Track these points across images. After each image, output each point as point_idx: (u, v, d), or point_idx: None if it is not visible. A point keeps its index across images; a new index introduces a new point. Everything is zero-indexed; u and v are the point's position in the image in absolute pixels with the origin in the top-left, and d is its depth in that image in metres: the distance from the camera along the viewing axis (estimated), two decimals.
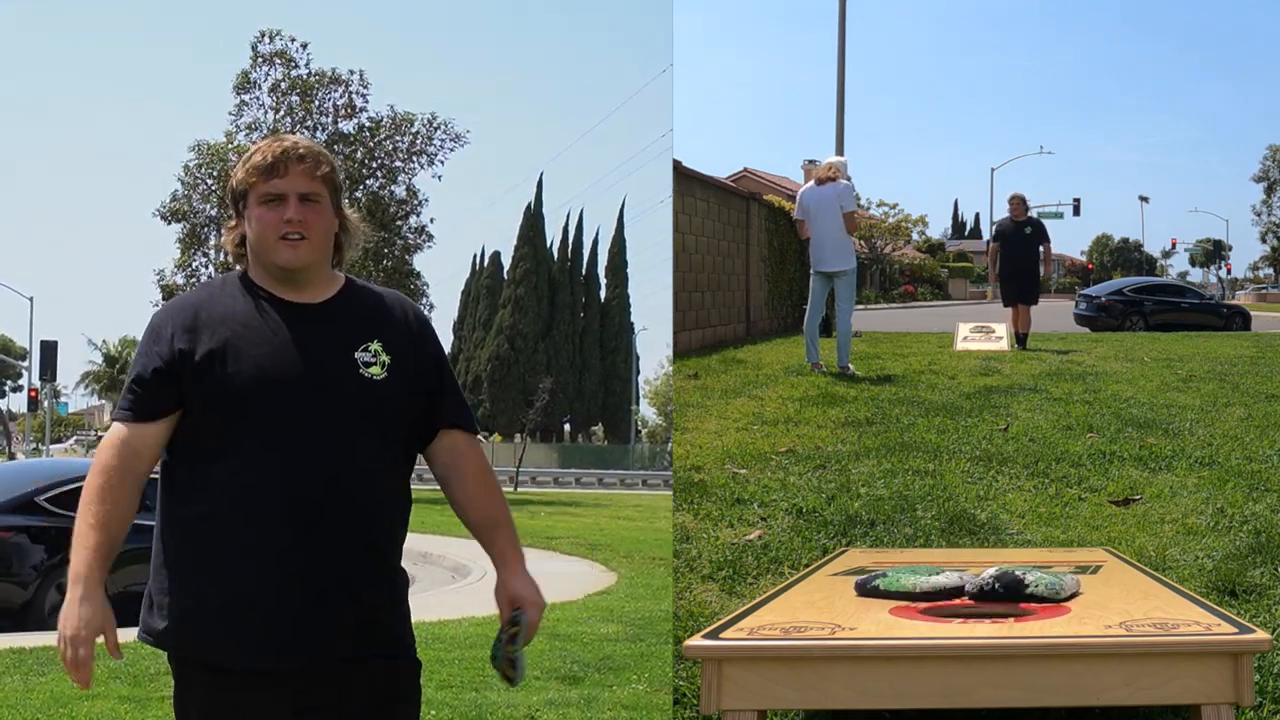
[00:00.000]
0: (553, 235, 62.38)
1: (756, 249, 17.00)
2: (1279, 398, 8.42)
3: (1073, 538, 4.71)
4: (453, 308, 65.84)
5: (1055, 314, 25.43)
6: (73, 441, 67.66)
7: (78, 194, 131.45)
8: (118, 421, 2.19)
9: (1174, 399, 8.42)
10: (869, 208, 48.87)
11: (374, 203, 31.99)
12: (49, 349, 37.92)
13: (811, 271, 10.28)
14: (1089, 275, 75.18)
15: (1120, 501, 5.29)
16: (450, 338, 61.86)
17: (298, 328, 2.19)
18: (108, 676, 5.85)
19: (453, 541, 12.64)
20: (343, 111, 32.72)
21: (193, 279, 30.33)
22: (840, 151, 20.91)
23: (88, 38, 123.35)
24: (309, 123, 32.26)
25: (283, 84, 32.32)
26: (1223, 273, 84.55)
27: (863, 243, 47.97)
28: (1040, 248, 13.48)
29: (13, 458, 36.70)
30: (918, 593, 3.00)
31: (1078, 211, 67.42)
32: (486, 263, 63.34)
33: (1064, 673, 2.43)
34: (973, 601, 2.94)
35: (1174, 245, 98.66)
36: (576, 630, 8.04)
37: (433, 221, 40.08)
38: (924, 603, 2.93)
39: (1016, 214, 13.54)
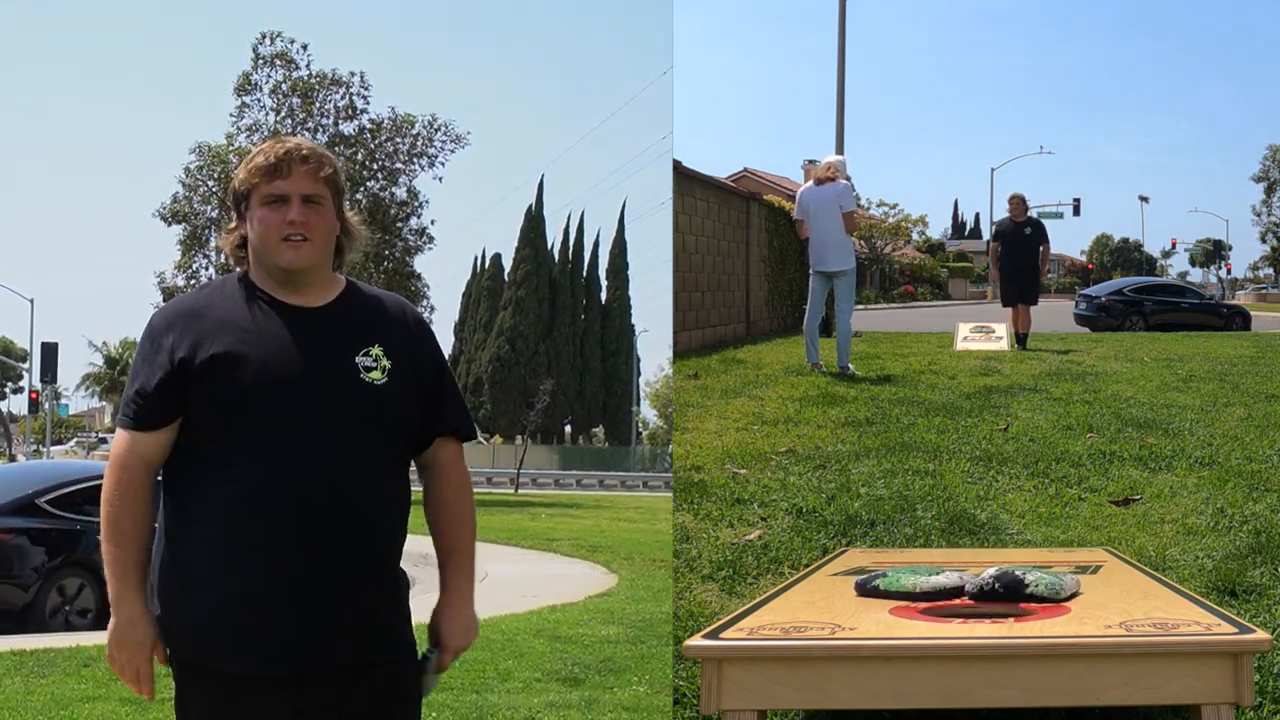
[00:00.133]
0: (553, 237, 62.26)
1: (756, 249, 16.99)
2: (1279, 398, 8.42)
3: (1073, 538, 4.71)
4: (453, 309, 65.90)
5: (1055, 314, 25.43)
6: (73, 443, 67.84)
7: (78, 195, 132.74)
8: (122, 429, 2.21)
9: (1174, 399, 8.42)
10: (869, 208, 48.87)
11: (375, 204, 32.01)
12: (49, 351, 37.86)
13: (811, 271, 10.25)
14: (1089, 275, 75.18)
15: (1120, 501, 5.28)
16: (451, 339, 61.99)
17: (298, 331, 2.20)
18: (108, 678, 5.78)
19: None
20: (343, 113, 32.74)
21: (193, 280, 30.38)
22: (840, 151, 20.89)
23: (88, 38, 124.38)
24: (310, 124, 32.31)
25: (284, 86, 32.32)
26: (1223, 273, 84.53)
27: (863, 243, 47.97)
28: (1040, 247, 13.48)
29: (13, 459, 36.15)
30: (918, 593, 3.00)
31: (1078, 211, 67.44)
32: (487, 264, 63.22)
33: (1064, 673, 2.43)
34: (973, 601, 2.95)
35: (1174, 245, 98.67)
36: (577, 632, 8.06)
37: (433, 223, 40.82)
38: (924, 602, 2.93)
39: (1016, 214, 13.53)
